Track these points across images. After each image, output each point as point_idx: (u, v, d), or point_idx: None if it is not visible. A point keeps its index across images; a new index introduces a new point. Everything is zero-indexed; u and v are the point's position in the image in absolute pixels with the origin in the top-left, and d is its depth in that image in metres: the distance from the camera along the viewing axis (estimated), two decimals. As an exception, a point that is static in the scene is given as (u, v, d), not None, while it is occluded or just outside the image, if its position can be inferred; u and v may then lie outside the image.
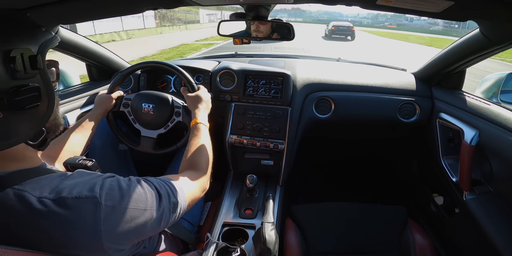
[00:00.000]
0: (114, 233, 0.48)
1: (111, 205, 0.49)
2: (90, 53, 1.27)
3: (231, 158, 1.28)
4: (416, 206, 1.48)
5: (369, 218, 1.14)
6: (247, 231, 1.01)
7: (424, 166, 1.46)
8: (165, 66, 1.04)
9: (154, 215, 0.55)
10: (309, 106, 1.27)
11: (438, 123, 1.21)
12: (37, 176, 0.49)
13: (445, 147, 1.19)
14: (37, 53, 0.46)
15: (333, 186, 1.73)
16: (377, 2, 0.67)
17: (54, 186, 0.48)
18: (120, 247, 0.50)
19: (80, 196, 0.47)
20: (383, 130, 1.45)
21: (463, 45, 1.01)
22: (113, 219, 0.49)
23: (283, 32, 1.02)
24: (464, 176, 1.00)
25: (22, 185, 0.46)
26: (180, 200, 0.61)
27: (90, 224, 0.47)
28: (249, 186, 1.10)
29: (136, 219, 0.52)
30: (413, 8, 0.68)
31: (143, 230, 0.54)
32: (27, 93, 0.44)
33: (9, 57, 0.41)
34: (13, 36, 0.45)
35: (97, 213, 0.47)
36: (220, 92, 1.27)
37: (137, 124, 1.06)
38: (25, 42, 0.45)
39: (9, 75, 0.42)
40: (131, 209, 0.51)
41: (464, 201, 1.00)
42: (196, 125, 0.87)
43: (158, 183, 0.60)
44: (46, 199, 0.46)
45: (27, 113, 0.46)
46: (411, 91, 1.30)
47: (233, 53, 1.63)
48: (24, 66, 0.43)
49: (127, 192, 0.53)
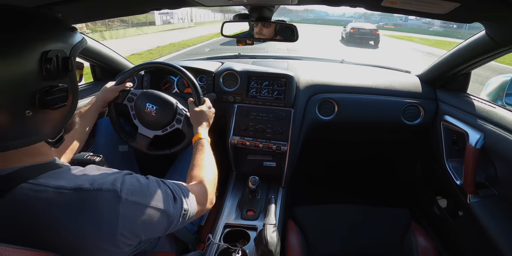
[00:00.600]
0: (129, 228, 0.49)
1: (132, 201, 0.50)
2: (94, 53, 1.28)
3: (234, 159, 1.27)
4: (419, 208, 1.47)
5: (371, 220, 1.13)
6: (248, 232, 1.00)
7: (428, 168, 1.45)
8: (177, 71, 1.04)
9: (167, 217, 0.56)
10: (312, 108, 1.27)
11: (443, 126, 1.20)
12: (50, 170, 0.50)
13: (449, 150, 1.18)
14: (70, 55, 0.47)
15: (336, 188, 1.72)
16: (382, 4, 0.66)
17: (70, 178, 0.49)
18: (129, 242, 0.50)
19: (102, 188, 0.47)
20: (386, 132, 1.44)
21: (468, 47, 1.00)
22: (131, 214, 0.49)
23: (286, 33, 1.01)
24: (468, 179, 0.99)
25: (36, 179, 0.47)
26: (190, 208, 0.62)
27: (109, 217, 0.47)
28: (251, 188, 1.10)
29: (151, 218, 0.53)
30: (418, 10, 0.68)
31: (153, 229, 0.55)
32: (57, 94, 0.45)
33: (46, 57, 0.42)
34: (51, 37, 0.45)
35: (117, 207, 0.47)
36: (223, 93, 1.27)
37: (137, 120, 1.06)
38: (60, 43, 0.46)
39: (43, 75, 0.43)
40: (150, 208, 0.52)
41: (468, 204, 0.99)
42: (199, 141, 0.89)
43: (174, 187, 0.61)
44: (63, 189, 0.46)
45: (53, 112, 0.47)
46: (415, 93, 1.29)
47: (236, 54, 1.63)
48: (58, 68, 0.44)
49: (147, 190, 0.54)
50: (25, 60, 0.41)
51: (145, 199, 0.52)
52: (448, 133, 1.19)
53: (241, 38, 1.06)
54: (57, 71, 0.44)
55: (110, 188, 0.48)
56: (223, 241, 0.96)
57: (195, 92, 1.01)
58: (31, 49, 0.42)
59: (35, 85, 0.43)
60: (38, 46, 0.43)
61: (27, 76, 0.42)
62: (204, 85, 1.30)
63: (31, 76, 0.42)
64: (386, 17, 40.66)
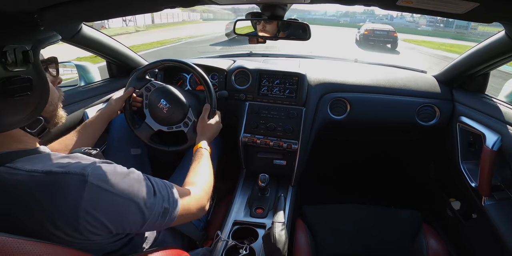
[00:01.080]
0: (93, 215, 0.49)
1: (99, 186, 0.50)
2: (110, 50, 1.31)
3: (244, 157, 1.28)
4: (431, 210, 1.45)
5: (381, 221, 1.12)
6: (257, 230, 1.01)
7: (441, 170, 1.42)
8: (191, 70, 1.06)
9: (140, 210, 0.55)
10: (323, 107, 1.26)
11: (459, 127, 1.17)
12: (30, 155, 0.53)
13: (465, 152, 1.15)
14: (30, 49, 0.50)
15: (346, 188, 1.71)
16: (397, 3, 0.65)
17: (46, 163, 0.51)
18: (95, 231, 0.51)
19: (70, 172, 0.49)
20: (400, 132, 1.41)
21: (487, 47, 0.97)
22: (95, 200, 0.50)
23: (298, 32, 1.01)
24: (483, 182, 0.97)
25: (13, 162, 0.50)
26: (172, 207, 0.61)
27: (72, 200, 0.48)
28: (261, 186, 1.11)
29: (120, 208, 0.53)
30: (435, 9, 0.66)
31: (124, 221, 0.54)
32: (17, 83, 0.48)
33: (1, 51, 0.46)
34: (8, 34, 0.49)
35: (81, 191, 0.48)
36: (234, 91, 1.28)
37: (147, 110, 1.10)
38: (20, 39, 0.50)
39: (1, 67, 0.46)
40: (119, 197, 0.52)
41: (482, 207, 0.97)
42: (200, 150, 0.92)
43: (159, 184, 0.61)
44: (35, 173, 0.48)
45: (18, 101, 0.49)
46: (431, 93, 1.26)
47: (248, 52, 1.64)
48: (16, 60, 0.48)
49: (121, 179, 0.54)
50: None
51: (116, 188, 0.52)
52: (464, 135, 1.16)
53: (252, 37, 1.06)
54: (15, 63, 0.48)
55: (78, 171, 0.50)
56: (231, 238, 0.97)
57: (209, 100, 1.04)
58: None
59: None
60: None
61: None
62: (216, 82, 1.31)
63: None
64: (371, 15, 37.67)
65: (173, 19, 22.45)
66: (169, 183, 0.65)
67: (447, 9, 0.65)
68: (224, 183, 1.29)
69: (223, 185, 1.25)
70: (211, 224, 1.08)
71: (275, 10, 0.95)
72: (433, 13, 0.69)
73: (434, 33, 20.58)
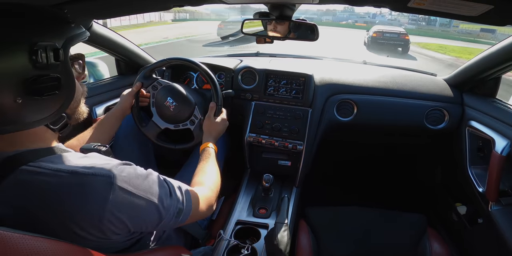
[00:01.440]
0: (117, 216, 0.50)
1: (124, 188, 0.51)
2: (120, 48, 1.32)
3: (249, 156, 1.28)
4: (436, 214, 1.43)
5: (385, 224, 1.11)
6: (259, 230, 1.01)
7: (448, 174, 1.40)
8: (199, 69, 1.06)
9: (158, 211, 0.57)
10: (330, 108, 1.25)
11: (468, 131, 1.15)
12: (52, 154, 0.52)
13: (473, 156, 1.13)
14: (61, 47, 0.49)
15: (350, 190, 1.69)
16: (408, 4, 0.64)
17: (69, 162, 0.51)
18: (116, 231, 0.52)
19: (96, 173, 0.49)
20: (407, 136, 1.40)
21: (500, 50, 0.95)
22: (120, 201, 0.50)
23: (306, 33, 1.00)
24: (491, 187, 0.96)
25: (36, 162, 0.49)
26: (185, 208, 0.62)
27: (98, 201, 0.49)
28: (265, 186, 1.10)
29: (141, 208, 0.54)
30: (448, 12, 0.65)
31: (142, 221, 0.55)
32: (46, 82, 0.48)
33: (33, 49, 0.45)
34: (41, 31, 0.48)
35: (108, 193, 0.49)
36: (241, 90, 1.28)
37: (154, 108, 1.10)
38: (51, 36, 0.49)
39: (32, 65, 0.46)
40: (141, 198, 0.53)
41: (488, 212, 0.97)
42: (207, 149, 0.92)
43: (174, 185, 0.62)
44: (61, 172, 0.48)
45: (45, 100, 0.49)
46: (441, 96, 1.24)
47: (255, 52, 1.63)
48: (47, 58, 0.47)
49: (142, 181, 0.55)
50: (14, 51, 0.44)
51: (138, 189, 0.53)
52: (473, 139, 1.14)
53: (260, 37, 1.06)
54: (46, 62, 0.47)
55: (104, 173, 0.50)
56: (233, 238, 0.97)
57: (216, 98, 1.04)
58: (20, 42, 0.45)
59: (24, 74, 0.45)
60: (27, 38, 0.46)
61: (16, 66, 0.45)
62: (223, 82, 1.31)
63: (20, 66, 0.45)
64: (354, 14, 35.36)
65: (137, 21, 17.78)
66: (182, 184, 0.66)
67: (460, 11, 0.63)
68: (228, 182, 1.29)
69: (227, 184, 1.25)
70: (214, 223, 1.08)
71: (283, 10, 0.94)
72: (445, 15, 0.68)
73: (419, 31, 19.90)
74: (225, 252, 0.91)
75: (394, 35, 10.98)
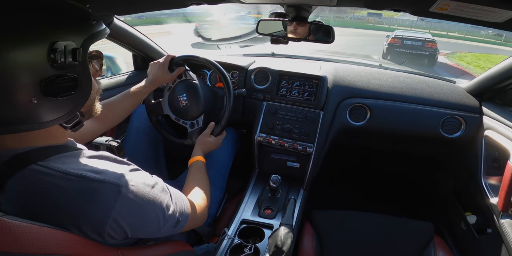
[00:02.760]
0: (119, 223, 0.51)
1: (130, 197, 0.51)
2: (137, 43, 1.35)
3: (258, 156, 1.28)
4: (444, 223, 1.40)
5: (392, 231, 1.09)
6: (264, 230, 1.01)
7: (460, 183, 1.36)
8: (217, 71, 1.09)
9: (158, 221, 0.58)
10: (342, 112, 1.23)
11: (484, 141, 1.11)
12: (62, 153, 0.52)
13: (488, 167, 1.11)
14: (80, 47, 0.48)
15: (358, 195, 1.67)
16: (430, 9, 0.62)
17: (78, 163, 0.51)
18: (114, 236, 0.52)
19: (105, 180, 0.49)
20: (421, 143, 1.36)
21: None
22: (124, 210, 0.51)
23: (322, 35, 0.99)
24: (503, 197, 0.94)
25: (45, 161, 0.49)
26: (183, 218, 0.64)
27: (104, 208, 0.49)
28: (272, 186, 1.10)
29: (142, 218, 0.55)
30: (471, 17, 0.63)
31: (142, 229, 0.57)
32: (63, 83, 0.46)
33: (52, 48, 0.44)
34: (61, 29, 0.46)
35: (114, 200, 0.49)
36: (253, 90, 1.28)
37: (168, 93, 1.15)
38: (72, 34, 0.47)
39: (50, 64, 0.44)
40: (142, 207, 0.54)
41: (498, 222, 0.95)
42: (198, 162, 0.96)
43: (176, 196, 0.64)
44: (69, 175, 0.48)
45: (60, 100, 0.48)
46: (458, 104, 1.20)
47: (270, 53, 1.63)
48: (65, 58, 0.45)
49: (148, 190, 0.55)
50: (32, 50, 0.42)
51: (143, 199, 0.53)
52: (489, 149, 1.11)
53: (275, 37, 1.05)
54: (64, 61, 0.45)
55: (113, 181, 0.50)
56: (237, 237, 0.98)
57: (227, 92, 1.06)
58: (38, 40, 0.43)
59: (41, 73, 0.44)
60: (46, 37, 0.44)
61: (34, 65, 0.43)
62: (236, 80, 1.32)
63: (37, 65, 0.43)
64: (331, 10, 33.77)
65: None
66: (181, 194, 0.68)
67: (484, 17, 0.61)
68: (236, 181, 1.30)
69: (234, 183, 1.26)
70: (219, 221, 1.09)
71: (300, 12, 0.93)
72: (468, 21, 0.66)
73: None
74: (228, 251, 0.92)
75: (418, 43, 8.51)
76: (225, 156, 1.18)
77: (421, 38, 8.66)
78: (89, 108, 0.58)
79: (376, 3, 0.74)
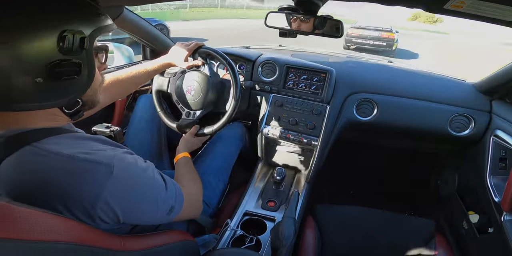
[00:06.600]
0: (109, 204, 0.51)
1: (121, 178, 0.51)
2: (146, 34, 1.35)
3: (263, 148, 1.29)
4: (445, 221, 1.41)
5: (393, 227, 1.11)
6: (266, 222, 1.03)
7: (464, 181, 1.36)
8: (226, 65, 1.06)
9: (151, 205, 0.58)
10: (349, 107, 1.23)
11: (492, 141, 1.10)
12: (57, 134, 0.53)
13: (494, 166, 1.10)
14: (88, 36, 0.51)
15: (362, 190, 1.68)
16: (444, 6, 0.60)
17: (72, 145, 0.52)
18: (106, 219, 0.52)
19: (96, 160, 0.50)
20: (427, 140, 1.35)
21: None
22: (116, 191, 0.51)
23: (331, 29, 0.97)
24: (508, 197, 0.94)
25: (40, 142, 0.50)
26: (177, 206, 0.64)
27: (94, 188, 0.49)
28: (276, 179, 1.11)
29: (134, 201, 0.55)
30: (488, 16, 0.61)
31: (134, 213, 0.56)
32: (68, 67, 0.50)
33: (62, 35, 0.47)
34: (73, 19, 0.50)
35: (105, 181, 0.50)
36: (260, 82, 1.27)
37: (182, 76, 1.14)
38: (81, 25, 0.51)
39: (58, 49, 0.48)
40: (134, 189, 0.54)
41: (501, 222, 0.96)
42: (185, 159, 0.98)
43: (169, 182, 0.64)
44: (61, 156, 0.49)
45: (63, 83, 0.50)
46: (468, 102, 1.18)
47: (277, 45, 1.61)
48: (73, 44, 0.49)
49: (141, 173, 0.56)
50: (44, 36, 0.46)
51: (135, 181, 0.54)
52: (497, 149, 1.10)
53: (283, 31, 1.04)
54: (71, 48, 0.49)
55: (105, 161, 0.50)
56: (240, 228, 0.99)
57: (234, 84, 1.05)
58: (52, 27, 0.47)
59: (50, 57, 0.47)
60: (60, 25, 0.48)
61: (44, 49, 0.47)
62: (243, 72, 1.31)
63: (47, 49, 0.47)
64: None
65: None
66: (177, 184, 0.68)
67: (501, 16, 0.59)
68: (240, 172, 1.31)
69: (238, 174, 1.27)
70: (222, 212, 1.10)
71: (309, 6, 0.91)
72: (484, 19, 0.64)
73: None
74: (230, 242, 0.94)
75: (375, 34, 8.06)
76: (231, 149, 1.19)
77: (378, 28, 8.34)
78: (90, 97, 0.59)
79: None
